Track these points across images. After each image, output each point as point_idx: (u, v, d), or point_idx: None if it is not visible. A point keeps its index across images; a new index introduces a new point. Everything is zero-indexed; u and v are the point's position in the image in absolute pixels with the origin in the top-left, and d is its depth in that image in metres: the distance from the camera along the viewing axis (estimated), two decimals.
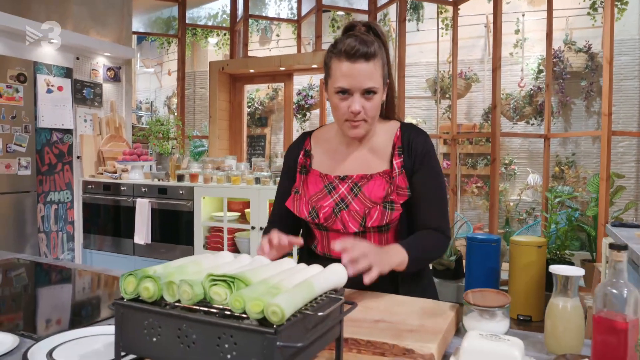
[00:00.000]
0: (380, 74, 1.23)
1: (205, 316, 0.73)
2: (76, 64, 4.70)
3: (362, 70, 1.19)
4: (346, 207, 1.29)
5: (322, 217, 1.29)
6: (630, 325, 0.83)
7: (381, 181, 1.29)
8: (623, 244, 0.84)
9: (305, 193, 1.35)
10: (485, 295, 1.18)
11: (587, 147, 6.49)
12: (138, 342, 0.78)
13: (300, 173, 1.38)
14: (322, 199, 1.32)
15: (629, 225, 3.00)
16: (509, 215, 6.60)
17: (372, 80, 1.21)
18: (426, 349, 0.95)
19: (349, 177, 1.32)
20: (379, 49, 1.22)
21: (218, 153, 5.42)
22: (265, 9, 7.42)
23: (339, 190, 1.31)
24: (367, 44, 1.20)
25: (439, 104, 6.95)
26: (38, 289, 1.61)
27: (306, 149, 1.40)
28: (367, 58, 1.19)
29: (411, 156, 1.30)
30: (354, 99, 1.21)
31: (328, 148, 1.38)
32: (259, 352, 0.68)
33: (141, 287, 0.77)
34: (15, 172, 4.03)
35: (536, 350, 1.07)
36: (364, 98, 1.22)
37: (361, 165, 1.32)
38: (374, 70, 1.21)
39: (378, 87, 1.23)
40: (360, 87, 1.20)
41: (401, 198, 1.27)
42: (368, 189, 1.29)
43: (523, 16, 6.54)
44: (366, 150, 1.34)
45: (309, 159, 1.39)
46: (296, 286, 0.77)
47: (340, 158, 1.35)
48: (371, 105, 1.23)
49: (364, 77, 1.20)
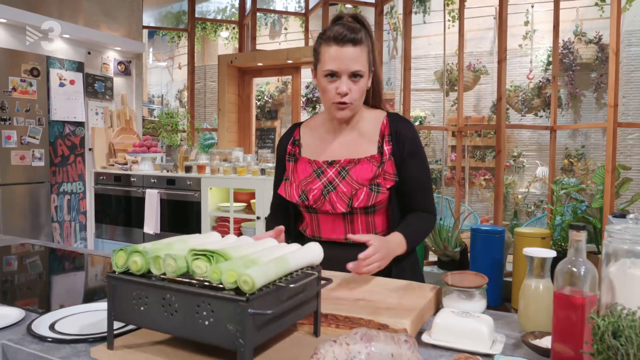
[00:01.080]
0: (366, 60, 1.31)
1: (186, 287, 0.79)
2: (88, 58, 4.81)
3: (350, 54, 1.27)
4: (334, 189, 1.36)
5: (312, 200, 1.37)
6: (588, 301, 0.88)
7: (368, 165, 1.36)
8: (582, 224, 0.89)
9: (295, 179, 1.43)
10: (464, 277, 1.23)
11: (597, 139, 6.44)
12: (128, 311, 0.86)
13: (289, 161, 1.47)
14: (311, 183, 1.39)
15: None
16: (517, 208, 6.60)
17: (359, 64, 1.28)
18: (399, 325, 1.01)
19: (336, 161, 1.39)
20: (365, 37, 1.30)
21: (227, 145, 5.50)
22: (273, 2, 7.47)
23: (327, 174, 1.38)
24: (354, 31, 1.29)
25: (447, 96, 6.95)
26: (51, 271, 1.70)
27: (295, 138, 1.48)
28: (354, 43, 1.28)
29: (400, 144, 1.37)
30: (341, 81, 1.29)
31: (316, 135, 1.46)
32: (233, 319, 0.75)
33: (130, 261, 0.85)
34: (29, 163, 4.16)
35: (511, 329, 1.12)
36: (351, 81, 1.30)
37: (348, 150, 1.40)
38: (361, 55, 1.29)
39: (364, 71, 1.30)
40: (348, 70, 1.28)
41: (388, 182, 1.35)
42: (355, 172, 1.36)
43: (532, 7, 6.50)
44: (353, 135, 1.41)
45: (298, 147, 1.47)
46: (271, 260, 0.83)
47: (328, 144, 1.42)
48: (357, 88, 1.30)
49: (351, 60, 1.27)
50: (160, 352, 0.88)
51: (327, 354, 0.73)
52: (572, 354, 0.87)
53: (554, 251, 1.11)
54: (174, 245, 0.90)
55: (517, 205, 6.59)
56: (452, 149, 7.09)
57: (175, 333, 0.81)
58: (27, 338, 0.99)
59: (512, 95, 6.53)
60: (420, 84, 7.42)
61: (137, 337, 0.95)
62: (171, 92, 9.58)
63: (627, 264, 0.90)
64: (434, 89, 7.27)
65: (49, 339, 0.97)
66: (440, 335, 1.01)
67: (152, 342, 0.92)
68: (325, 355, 0.73)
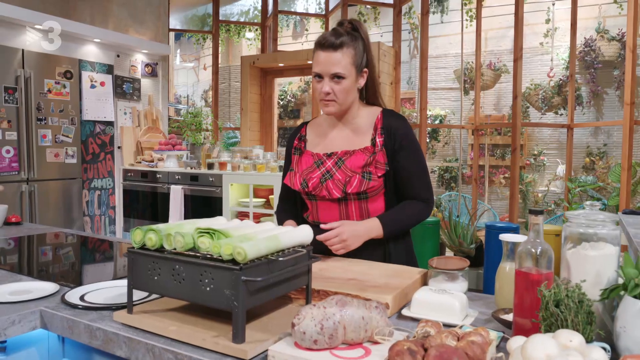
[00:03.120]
0: (349, 63, 1.43)
1: (192, 259, 0.94)
2: (117, 61, 5.06)
3: (330, 58, 1.42)
4: (331, 177, 1.51)
5: (311, 187, 1.53)
6: (544, 277, 0.99)
7: (361, 155, 1.50)
8: (539, 209, 1.00)
9: (298, 169, 1.59)
10: (448, 260, 1.35)
11: (619, 138, 6.37)
12: (144, 281, 1.01)
13: (294, 154, 1.62)
14: (312, 172, 1.55)
15: (638, 213, 3.05)
16: (537, 206, 6.59)
17: (339, 67, 1.42)
18: (382, 299, 1.14)
19: (334, 153, 1.54)
20: (350, 41, 1.43)
21: (249, 144, 5.69)
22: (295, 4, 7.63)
23: (326, 164, 1.54)
24: (337, 36, 1.42)
25: (466, 94, 6.98)
26: (82, 254, 1.89)
27: (301, 134, 1.65)
28: (334, 48, 1.42)
29: (391, 137, 1.50)
30: (324, 82, 1.44)
31: (319, 132, 1.62)
32: (229, 285, 0.89)
33: (146, 237, 1.00)
34: (63, 160, 4.42)
35: (488, 308, 1.23)
36: (333, 82, 1.44)
37: (345, 143, 1.54)
38: (343, 58, 1.42)
39: (345, 73, 1.43)
40: (328, 72, 1.43)
41: (379, 171, 1.48)
42: (350, 162, 1.51)
43: (553, 5, 6.48)
44: (349, 130, 1.56)
45: (304, 142, 1.64)
46: (263, 238, 0.97)
47: (328, 138, 1.58)
48: (339, 89, 1.44)
49: (331, 63, 1.42)
50: (171, 316, 1.03)
51: (306, 314, 0.87)
52: (530, 324, 0.98)
53: (525, 236, 1.22)
54: (184, 226, 1.05)
55: (536, 203, 6.59)
56: (472, 147, 7.11)
57: (183, 297, 0.96)
58: (61, 306, 1.16)
59: (532, 94, 6.53)
60: (441, 82, 7.46)
61: (152, 305, 1.10)
62: (197, 92, 9.86)
63: (581, 245, 1.01)
64: (453, 87, 7.31)
65: (79, 307, 1.14)
66: (418, 309, 1.13)
67: (165, 309, 1.08)
68: (305, 316, 0.87)
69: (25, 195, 4.13)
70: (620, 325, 0.86)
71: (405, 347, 0.76)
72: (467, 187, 7.01)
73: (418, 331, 0.86)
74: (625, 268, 0.89)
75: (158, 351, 0.94)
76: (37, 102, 4.21)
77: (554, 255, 1.00)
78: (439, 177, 7.41)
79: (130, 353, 0.98)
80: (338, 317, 0.87)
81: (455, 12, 6.65)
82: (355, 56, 1.44)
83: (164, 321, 1.00)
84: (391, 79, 5.06)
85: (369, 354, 0.86)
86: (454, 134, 7.40)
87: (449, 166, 7.30)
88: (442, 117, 7.29)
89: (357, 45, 1.45)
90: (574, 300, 0.86)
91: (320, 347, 0.86)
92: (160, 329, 0.98)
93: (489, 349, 0.80)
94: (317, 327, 0.85)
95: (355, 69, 1.46)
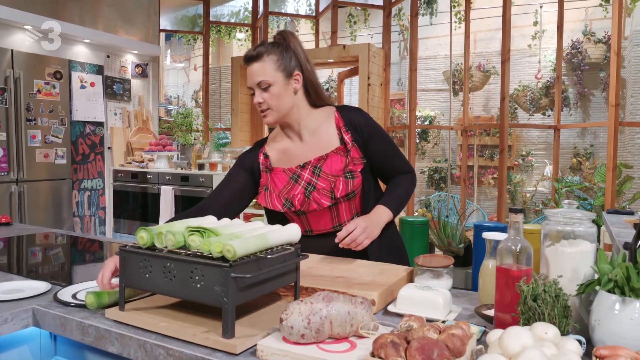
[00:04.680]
0: (273, 69, 1.45)
1: (183, 256, 0.97)
2: (107, 61, 5.05)
3: (253, 69, 1.46)
4: (314, 188, 1.51)
5: (298, 204, 1.51)
6: (523, 273, 1.02)
7: (337, 157, 1.52)
8: (519, 207, 1.04)
9: (274, 189, 1.57)
10: (434, 258, 1.38)
11: (605, 138, 6.47)
12: (136, 278, 1.03)
13: (266, 172, 1.59)
14: (292, 189, 1.54)
15: (622, 212, 3.12)
16: (525, 206, 6.67)
17: (262, 75, 1.45)
18: (369, 296, 1.17)
19: (307, 163, 1.54)
20: (270, 49, 1.46)
21: (240, 144, 5.70)
22: (285, 5, 7.66)
23: (303, 177, 1.53)
24: (255, 48, 1.47)
25: (455, 96, 7.04)
26: (73, 254, 1.90)
27: (264, 152, 1.61)
28: (254, 59, 1.46)
29: (358, 131, 1.53)
30: (256, 94, 1.47)
31: (279, 148, 1.60)
32: (219, 281, 0.92)
33: (137, 236, 1.02)
34: (52, 161, 4.41)
35: (472, 304, 1.27)
36: (262, 91, 1.46)
37: (314, 150, 1.54)
38: (264, 67, 1.45)
39: (269, 80, 1.45)
40: (254, 83, 1.46)
41: (358, 167, 1.51)
42: (327, 167, 1.52)
43: (541, 7, 6.57)
44: (310, 136, 1.55)
45: (268, 159, 1.60)
46: (252, 236, 1.00)
47: (293, 152, 1.57)
48: (269, 96, 1.46)
49: (254, 74, 1.46)
50: (162, 313, 1.05)
51: (294, 310, 0.90)
52: (510, 319, 1.02)
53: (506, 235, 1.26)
54: (175, 225, 1.08)
55: (525, 203, 6.67)
56: (461, 148, 7.19)
57: (174, 294, 0.99)
58: (54, 304, 1.18)
59: (520, 95, 6.61)
60: (430, 84, 7.53)
61: (144, 302, 1.13)
62: (187, 93, 9.84)
63: (560, 242, 1.05)
64: (443, 89, 7.38)
65: (71, 304, 1.16)
66: (403, 305, 1.16)
67: (156, 306, 1.10)
68: (292, 311, 0.90)
69: (15, 196, 4.12)
70: (595, 319, 0.90)
71: (388, 339, 0.79)
72: (456, 188, 7.08)
73: (402, 325, 0.89)
74: (600, 264, 0.93)
75: (150, 347, 0.96)
76: (27, 102, 4.20)
77: (533, 252, 1.04)
78: (428, 178, 7.47)
79: (122, 349, 1.00)
80: (325, 312, 0.90)
81: (444, 14, 6.71)
82: (279, 61, 1.45)
83: (155, 317, 1.03)
84: (381, 80, 5.10)
85: (354, 347, 0.89)
86: (443, 134, 7.46)
87: (439, 167, 7.37)
88: (432, 118, 7.36)
89: (280, 51, 1.46)
90: (551, 295, 0.89)
91: (308, 342, 0.89)
92: (151, 325, 1.00)
93: (469, 342, 0.83)
94: (304, 322, 0.88)
95: (282, 74, 1.46)
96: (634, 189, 5.18)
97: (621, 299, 0.87)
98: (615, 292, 0.88)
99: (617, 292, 0.88)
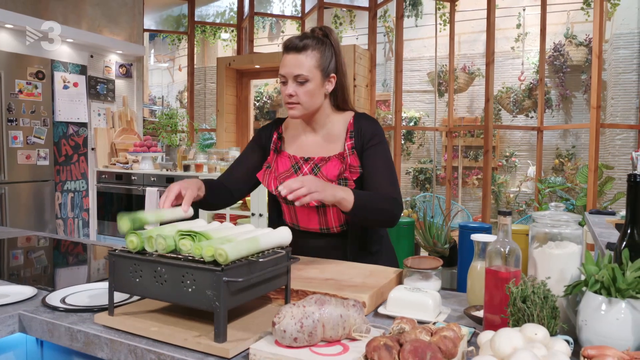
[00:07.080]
0: (313, 66, 1.43)
1: (174, 261, 0.96)
2: (90, 61, 4.99)
3: (293, 60, 1.43)
4: None
5: None
6: (512, 275, 1.04)
7: (336, 162, 1.52)
8: (508, 210, 1.05)
9: (275, 169, 1.58)
10: (422, 260, 1.40)
11: (587, 140, 6.59)
12: (126, 283, 1.02)
13: (274, 152, 1.60)
14: (289, 177, 1.55)
15: (604, 213, 3.18)
16: (509, 207, 6.76)
17: (302, 69, 1.42)
18: (359, 298, 1.18)
19: (311, 158, 1.55)
20: (315, 45, 1.44)
21: (225, 145, 5.67)
22: (271, 6, 7.64)
23: (303, 170, 1.54)
24: (301, 39, 1.44)
25: (440, 97, 7.10)
26: (57, 258, 1.87)
27: (279, 132, 1.63)
28: (297, 50, 1.43)
29: (360, 138, 1.52)
30: (288, 85, 1.45)
31: (294, 134, 1.61)
32: (210, 286, 0.92)
33: (127, 240, 1.01)
34: (34, 162, 4.34)
35: (461, 305, 1.28)
36: (296, 84, 1.44)
37: (320, 149, 1.55)
38: (305, 61, 1.42)
39: (308, 75, 1.43)
40: (291, 74, 1.43)
41: (354, 175, 1.50)
42: (326, 169, 1.52)
43: (524, 10, 6.66)
44: (323, 135, 1.56)
45: (281, 141, 1.62)
46: (244, 239, 1.00)
47: (304, 143, 1.58)
48: (303, 91, 1.44)
49: (293, 65, 1.43)
50: (152, 318, 1.05)
51: (286, 313, 0.90)
52: (499, 320, 1.03)
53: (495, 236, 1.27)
54: (165, 228, 1.07)
55: (508, 204, 6.75)
56: (446, 149, 7.25)
57: (165, 299, 0.98)
58: (41, 309, 1.16)
59: (504, 97, 6.69)
60: (415, 85, 7.58)
61: (134, 307, 1.11)
62: (172, 93, 9.76)
63: (547, 244, 1.07)
64: (428, 90, 7.43)
65: (60, 309, 1.14)
66: (393, 307, 1.17)
67: (146, 310, 1.09)
68: (285, 314, 0.90)
69: None
70: (582, 319, 0.91)
71: (381, 342, 0.79)
72: (441, 188, 7.14)
73: (394, 328, 0.90)
74: (587, 265, 0.95)
75: (140, 352, 0.95)
76: (8, 102, 4.12)
77: (521, 253, 1.06)
78: (413, 179, 7.52)
79: (112, 354, 0.99)
80: (317, 316, 0.90)
81: (429, 15, 6.77)
82: (321, 60, 1.44)
83: (145, 322, 1.02)
84: (366, 82, 5.12)
85: (347, 350, 0.90)
86: (428, 135, 7.52)
87: (423, 167, 7.42)
88: (417, 119, 7.41)
89: (324, 49, 1.45)
90: (540, 296, 0.91)
91: (300, 345, 0.89)
92: (142, 330, 0.99)
93: (460, 344, 0.84)
94: (297, 326, 0.88)
95: (321, 73, 1.45)
96: (614, 190, 5.28)
97: (607, 300, 0.88)
98: (602, 293, 0.90)
99: (603, 293, 0.89)
